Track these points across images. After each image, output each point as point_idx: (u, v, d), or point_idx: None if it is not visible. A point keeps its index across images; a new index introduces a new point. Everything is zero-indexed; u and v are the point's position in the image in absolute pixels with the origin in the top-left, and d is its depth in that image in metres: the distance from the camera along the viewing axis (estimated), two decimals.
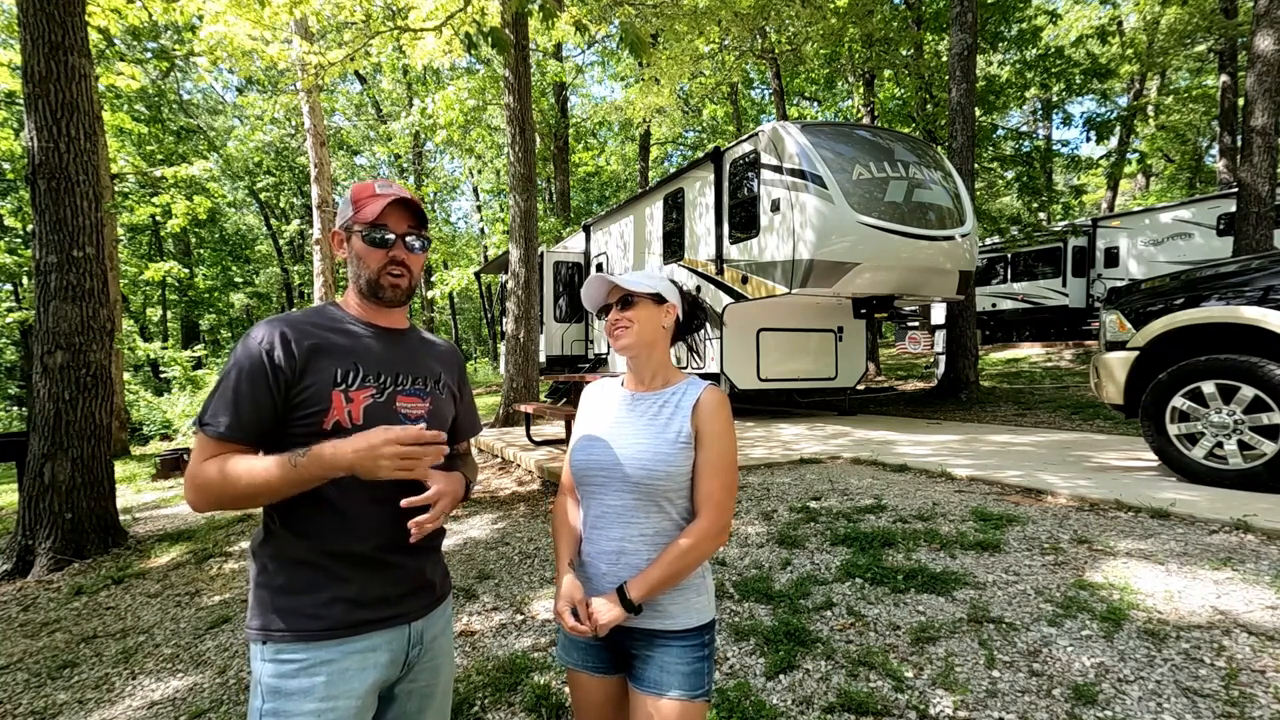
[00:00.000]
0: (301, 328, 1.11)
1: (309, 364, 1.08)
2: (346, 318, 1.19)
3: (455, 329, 34.82)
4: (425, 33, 8.45)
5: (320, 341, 1.11)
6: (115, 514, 4.82)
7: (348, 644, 1.07)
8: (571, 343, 11.98)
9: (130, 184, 14.68)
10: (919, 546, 3.00)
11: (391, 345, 1.20)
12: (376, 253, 1.15)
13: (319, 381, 1.08)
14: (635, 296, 1.29)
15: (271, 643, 1.05)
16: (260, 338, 1.07)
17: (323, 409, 1.08)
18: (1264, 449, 3.42)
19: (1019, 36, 13.57)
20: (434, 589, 1.22)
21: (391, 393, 1.15)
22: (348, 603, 1.08)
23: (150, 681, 2.68)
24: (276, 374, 1.06)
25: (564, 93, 20.30)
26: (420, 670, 1.18)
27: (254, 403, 1.05)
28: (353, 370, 1.12)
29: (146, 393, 16.49)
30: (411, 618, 1.16)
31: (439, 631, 1.22)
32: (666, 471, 1.21)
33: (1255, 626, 2.10)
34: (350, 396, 1.10)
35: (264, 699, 1.04)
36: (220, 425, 1.04)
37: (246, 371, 1.05)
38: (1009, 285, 15.71)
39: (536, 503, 4.82)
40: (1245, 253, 7.44)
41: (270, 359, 1.06)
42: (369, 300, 1.19)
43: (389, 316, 1.22)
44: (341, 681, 1.05)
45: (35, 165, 4.42)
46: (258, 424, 1.06)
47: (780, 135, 6.80)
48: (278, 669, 1.04)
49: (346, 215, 1.17)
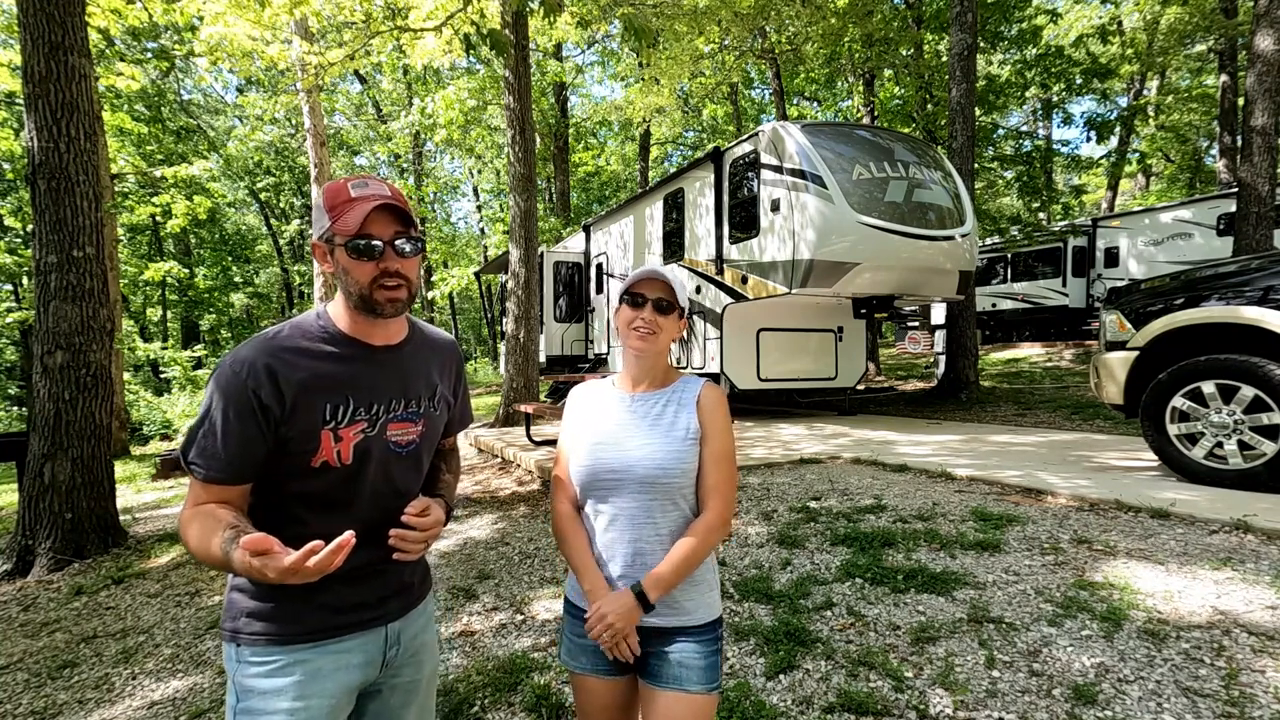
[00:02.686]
0: (288, 360, 1.02)
1: (298, 402, 1.01)
2: (336, 337, 1.09)
3: (455, 329, 34.85)
4: (425, 33, 8.45)
5: (308, 375, 1.03)
6: (115, 514, 4.82)
7: (323, 646, 1.06)
8: (571, 343, 11.98)
9: (130, 184, 14.68)
10: (919, 546, 3.00)
11: (385, 367, 1.12)
12: (365, 265, 1.04)
13: (307, 421, 1.02)
14: (674, 306, 1.29)
15: (244, 645, 1.04)
16: (245, 372, 0.99)
17: (311, 449, 1.03)
18: (1264, 449, 3.42)
19: (1019, 36, 13.57)
20: (413, 590, 1.20)
21: (384, 422, 1.10)
22: (324, 609, 1.07)
23: (150, 681, 2.68)
24: (266, 413, 0.99)
25: (564, 93, 20.30)
26: (402, 666, 1.17)
27: (242, 443, 0.99)
28: (343, 404, 1.05)
29: (146, 393, 16.49)
30: (389, 619, 1.14)
31: (419, 629, 1.21)
32: (681, 469, 1.22)
33: (1255, 626, 2.10)
34: (339, 435, 1.05)
35: (238, 697, 1.04)
36: (211, 469, 0.99)
37: (235, 410, 0.98)
38: (1009, 285, 15.71)
39: (536, 503, 4.82)
40: (1245, 253, 7.44)
41: (258, 398, 0.99)
42: (363, 315, 1.09)
43: (384, 330, 1.14)
44: (315, 681, 1.04)
45: (35, 165, 4.42)
46: (246, 463, 1.00)
47: (780, 135, 6.80)
48: (251, 669, 1.03)
49: (324, 225, 1.05)
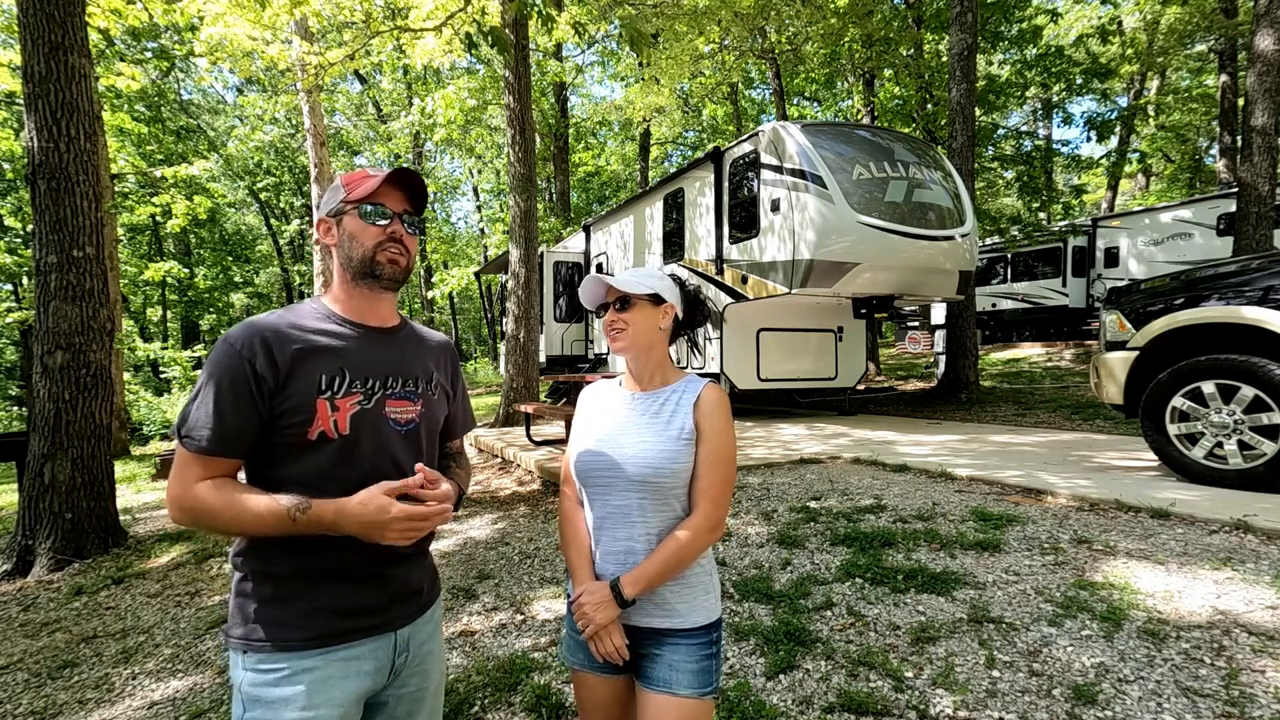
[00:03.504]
0: (283, 332, 1.04)
1: (293, 371, 1.02)
2: (331, 316, 1.11)
3: (455, 329, 34.84)
4: (425, 33, 8.46)
5: (304, 346, 1.04)
6: (115, 514, 4.82)
7: (330, 653, 1.04)
8: (571, 343, 11.98)
9: (130, 184, 14.67)
10: (919, 546, 3.00)
11: (380, 346, 1.13)
12: (372, 229, 1.09)
13: (302, 390, 1.02)
14: (632, 298, 1.28)
15: (252, 652, 1.02)
16: (240, 344, 1.00)
17: (306, 419, 1.02)
18: (1264, 449, 3.41)
19: (1019, 36, 13.56)
20: (421, 594, 1.18)
21: (380, 398, 1.10)
22: (332, 613, 1.05)
23: (150, 681, 2.68)
24: (260, 384, 1.00)
25: (564, 93, 20.28)
26: (409, 675, 1.15)
27: (238, 414, 0.99)
28: (338, 376, 1.06)
29: (146, 393, 16.51)
30: (397, 625, 1.12)
31: (426, 637, 1.19)
32: (673, 469, 1.21)
33: (1255, 626, 2.10)
34: (336, 405, 1.04)
35: (245, 707, 1.02)
36: (203, 440, 0.98)
37: (229, 380, 0.99)
38: (1009, 285, 15.71)
39: (536, 503, 4.82)
40: (1245, 253, 7.44)
41: (253, 368, 1.00)
42: (363, 283, 1.12)
43: (378, 312, 1.15)
44: (323, 690, 1.02)
45: (35, 165, 4.42)
46: (242, 436, 1.00)
47: (780, 135, 6.80)
48: (258, 678, 1.01)
49: (336, 199, 1.11)
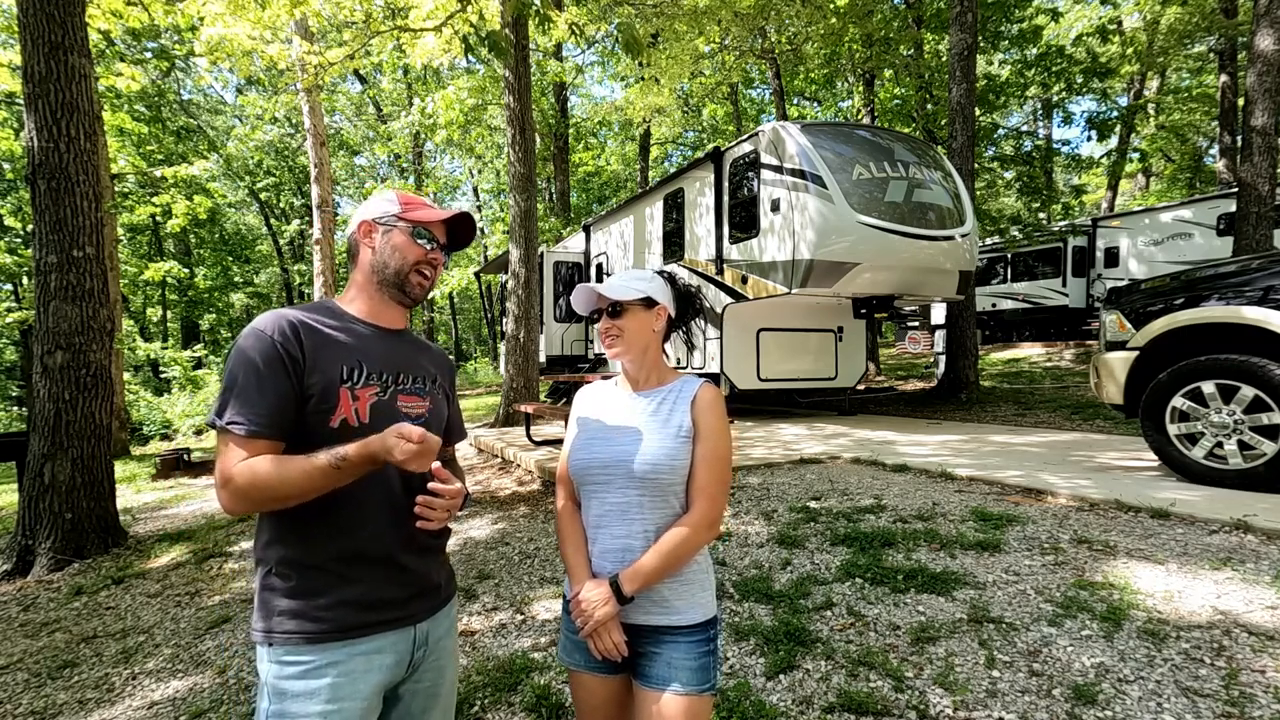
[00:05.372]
0: (306, 321, 1.10)
1: (318, 357, 1.07)
2: (348, 315, 1.18)
3: (455, 329, 34.83)
4: (425, 33, 8.46)
5: (324, 337, 1.10)
6: (115, 514, 4.82)
7: (354, 645, 1.07)
8: (571, 343, 11.98)
9: (130, 184, 14.68)
10: (919, 546, 3.00)
11: (392, 344, 1.20)
12: (417, 249, 1.18)
13: (326, 377, 1.07)
14: (625, 304, 1.29)
15: (277, 645, 1.05)
16: (270, 329, 1.05)
17: (330, 406, 1.07)
18: (1264, 449, 3.41)
19: (1019, 36, 13.56)
20: (439, 590, 1.22)
21: (394, 391, 1.15)
22: (354, 605, 1.08)
23: (150, 681, 2.68)
24: (294, 364, 1.04)
25: (564, 93, 20.28)
26: (425, 671, 1.18)
27: (277, 393, 1.03)
28: (357, 368, 1.11)
29: (146, 393, 16.53)
30: (417, 619, 1.16)
31: (444, 633, 1.22)
32: (670, 466, 1.22)
33: (1255, 626, 2.10)
34: (356, 394, 1.09)
35: (270, 700, 1.04)
36: (251, 423, 1.01)
37: (264, 362, 1.02)
38: (1009, 285, 15.70)
39: (536, 503, 4.82)
40: (1245, 253, 7.44)
41: (285, 350, 1.04)
42: (388, 292, 1.19)
43: (391, 317, 1.22)
44: (348, 683, 1.05)
45: (35, 165, 4.42)
46: (283, 414, 1.04)
47: (780, 135, 6.80)
48: (284, 670, 1.04)
49: (389, 210, 1.19)
